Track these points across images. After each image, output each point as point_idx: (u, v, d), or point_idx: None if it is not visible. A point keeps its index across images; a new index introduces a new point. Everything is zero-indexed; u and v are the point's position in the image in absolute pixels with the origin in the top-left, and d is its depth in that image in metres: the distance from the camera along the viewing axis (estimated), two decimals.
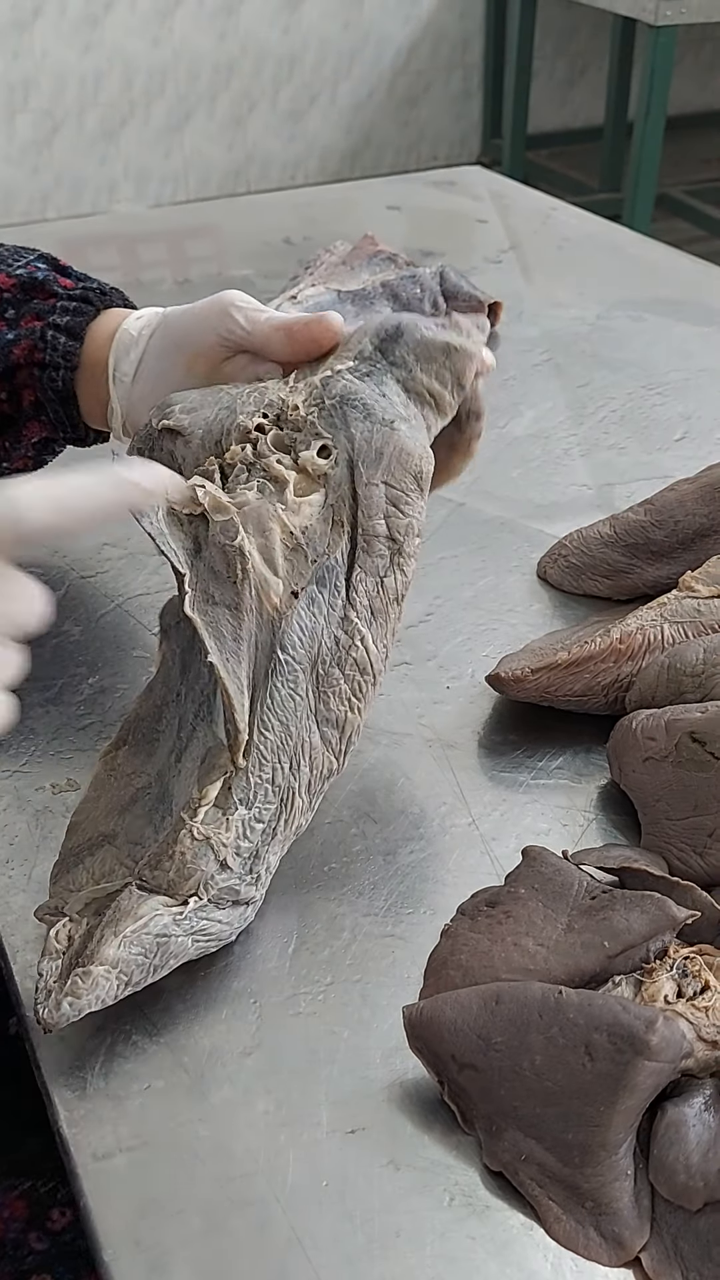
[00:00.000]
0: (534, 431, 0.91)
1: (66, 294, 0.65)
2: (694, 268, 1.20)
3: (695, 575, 0.63)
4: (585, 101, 4.00)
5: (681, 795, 0.53)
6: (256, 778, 0.49)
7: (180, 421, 0.55)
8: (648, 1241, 0.41)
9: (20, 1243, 0.58)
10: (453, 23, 3.76)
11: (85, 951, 0.46)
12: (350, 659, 0.51)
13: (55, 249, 0.73)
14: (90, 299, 0.65)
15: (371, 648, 0.51)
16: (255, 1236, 0.41)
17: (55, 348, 0.63)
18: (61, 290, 0.66)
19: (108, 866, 0.50)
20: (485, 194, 1.39)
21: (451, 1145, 0.44)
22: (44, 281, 0.66)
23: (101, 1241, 0.41)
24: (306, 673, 0.50)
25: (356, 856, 0.55)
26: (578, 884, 0.49)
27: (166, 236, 1.33)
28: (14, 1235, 0.58)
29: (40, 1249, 0.58)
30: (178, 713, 0.53)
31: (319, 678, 0.51)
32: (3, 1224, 0.59)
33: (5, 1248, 0.58)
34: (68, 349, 0.64)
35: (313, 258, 1.07)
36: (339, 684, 0.51)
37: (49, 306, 0.65)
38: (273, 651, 0.50)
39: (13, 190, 3.53)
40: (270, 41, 3.58)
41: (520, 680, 0.60)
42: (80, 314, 0.64)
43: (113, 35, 3.41)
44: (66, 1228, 0.59)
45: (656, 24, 2.60)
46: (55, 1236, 0.58)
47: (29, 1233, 0.59)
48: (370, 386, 0.55)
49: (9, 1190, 0.60)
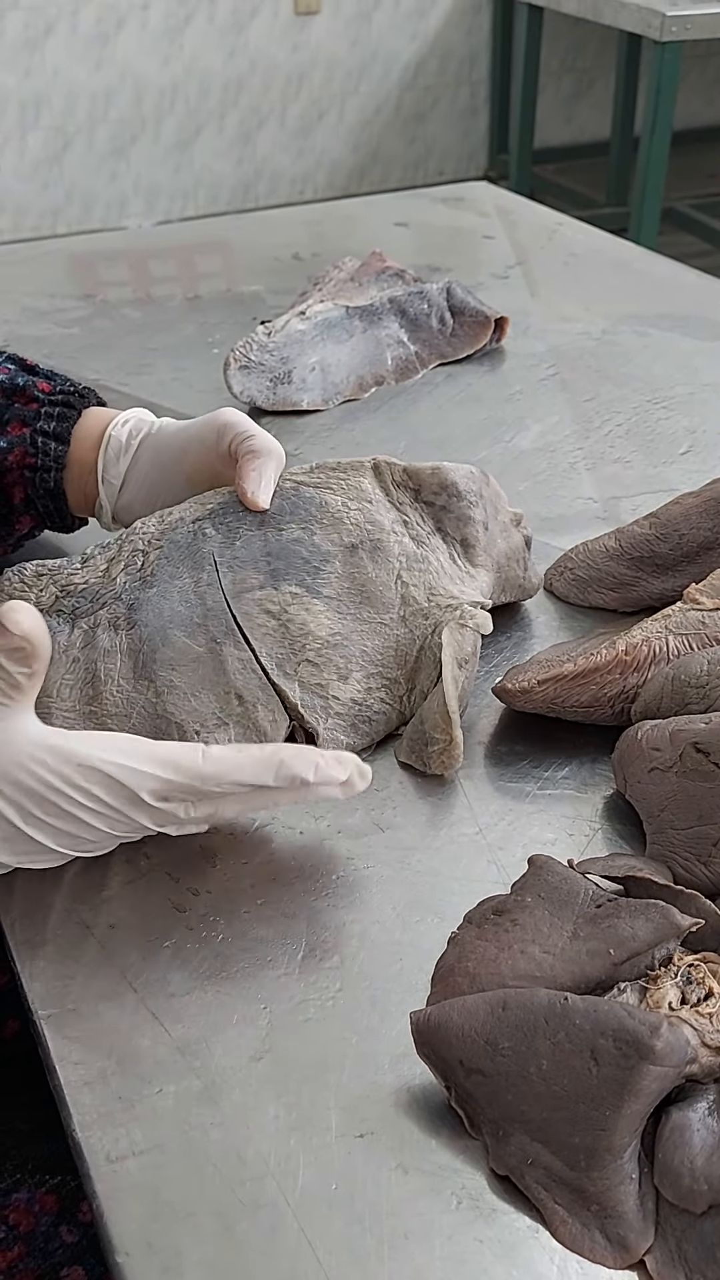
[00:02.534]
0: (540, 445, 0.91)
1: (48, 398, 0.72)
2: (699, 283, 1.21)
3: (700, 588, 0.64)
4: (591, 117, 4.02)
5: (686, 805, 0.53)
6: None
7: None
8: (652, 1244, 0.42)
9: (51, 1235, 0.59)
10: (459, 39, 3.79)
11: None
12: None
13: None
14: (71, 403, 0.72)
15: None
16: (266, 1239, 0.42)
17: (46, 452, 0.70)
18: (42, 395, 0.72)
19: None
20: (492, 210, 1.41)
21: (459, 1149, 0.45)
22: (24, 387, 0.72)
23: (115, 1244, 0.42)
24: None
25: (365, 865, 0.56)
26: (583, 892, 0.49)
27: (176, 252, 1.35)
28: (44, 1228, 0.59)
29: (71, 1241, 0.59)
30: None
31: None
32: (34, 1218, 0.59)
33: (36, 1240, 0.58)
34: (57, 453, 0.70)
35: (321, 274, 1.09)
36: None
37: (33, 412, 0.71)
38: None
39: (24, 206, 3.56)
40: (279, 58, 3.61)
41: (527, 691, 0.61)
42: (64, 419, 0.71)
43: (123, 53, 3.44)
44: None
45: (662, 40, 2.62)
46: (86, 1228, 0.59)
47: (60, 1226, 0.59)
48: None
49: (39, 1185, 0.61)
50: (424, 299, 1.04)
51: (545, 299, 1.16)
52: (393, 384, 1.01)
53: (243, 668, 0.60)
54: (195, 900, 0.54)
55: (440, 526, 0.65)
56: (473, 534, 0.65)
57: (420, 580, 0.63)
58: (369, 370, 1.00)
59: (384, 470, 0.66)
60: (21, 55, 3.35)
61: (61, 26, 3.35)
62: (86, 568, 0.63)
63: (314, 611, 0.61)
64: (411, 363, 1.02)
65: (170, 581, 0.61)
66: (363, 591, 0.62)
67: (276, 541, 0.62)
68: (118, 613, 0.60)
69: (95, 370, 1.03)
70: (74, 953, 0.52)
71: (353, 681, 0.61)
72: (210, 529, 0.63)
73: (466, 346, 1.04)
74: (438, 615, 0.63)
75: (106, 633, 0.60)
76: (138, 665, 0.59)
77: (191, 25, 3.47)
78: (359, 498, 0.64)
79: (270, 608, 0.61)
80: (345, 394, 0.98)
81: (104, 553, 0.64)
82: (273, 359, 0.96)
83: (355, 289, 1.04)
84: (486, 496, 0.67)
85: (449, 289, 1.05)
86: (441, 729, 0.59)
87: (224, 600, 0.61)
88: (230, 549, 0.62)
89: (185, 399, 0.99)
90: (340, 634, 0.61)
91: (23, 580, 0.63)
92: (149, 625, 0.60)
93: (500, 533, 0.67)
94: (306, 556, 0.62)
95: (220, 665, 0.59)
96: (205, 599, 0.61)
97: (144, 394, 1.00)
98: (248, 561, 0.62)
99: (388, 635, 0.62)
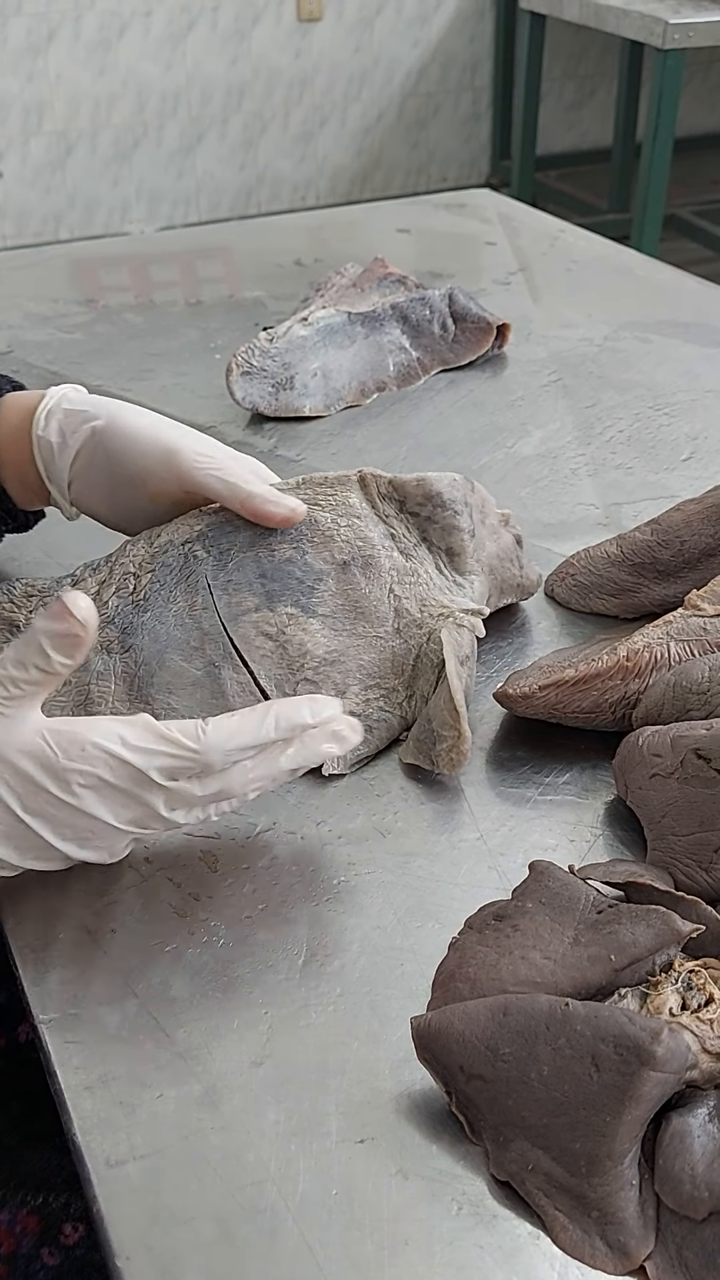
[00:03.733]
0: (542, 451, 0.92)
1: None
2: (701, 290, 1.21)
3: (701, 594, 0.64)
4: (593, 124, 4.03)
5: (687, 811, 0.53)
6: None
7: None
8: (653, 1251, 0.42)
9: (33, 1257, 0.59)
10: (462, 46, 3.80)
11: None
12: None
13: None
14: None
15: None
16: (266, 1244, 0.42)
17: None
18: None
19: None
20: (494, 216, 1.41)
21: (459, 1155, 0.45)
22: None
23: (114, 1248, 0.42)
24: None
25: (365, 870, 0.56)
26: (584, 898, 0.49)
27: (178, 258, 1.35)
28: (26, 1251, 0.59)
29: (53, 1264, 0.59)
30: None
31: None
32: (15, 1239, 0.59)
33: (18, 1263, 0.58)
34: None
35: (324, 280, 1.09)
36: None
37: None
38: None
39: (26, 211, 3.56)
40: (281, 65, 3.62)
41: (528, 697, 0.61)
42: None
43: (126, 59, 3.45)
44: (79, 1242, 0.59)
45: (665, 47, 2.62)
46: (68, 1251, 0.59)
47: (41, 1248, 0.59)
48: None
49: (21, 1206, 0.60)
50: (426, 305, 1.04)
51: (547, 305, 1.17)
52: (394, 390, 1.01)
53: (241, 690, 0.60)
54: (196, 905, 0.54)
55: (425, 537, 0.65)
56: (458, 542, 0.65)
57: (412, 593, 0.64)
58: (371, 376, 1.00)
59: (370, 483, 0.66)
60: (25, 61, 3.36)
61: (64, 32, 3.36)
62: (76, 589, 0.62)
63: (310, 631, 0.62)
64: (413, 369, 1.02)
65: (165, 606, 0.61)
66: (357, 607, 0.63)
67: (269, 562, 0.62)
68: (110, 636, 0.61)
69: (97, 375, 1.04)
70: (75, 957, 0.52)
71: (350, 695, 0.61)
72: (201, 551, 0.62)
73: (468, 353, 1.04)
74: (431, 624, 0.63)
75: (99, 655, 0.60)
76: (132, 688, 0.59)
77: (194, 31, 3.48)
78: (348, 513, 0.64)
79: (268, 630, 0.61)
80: (347, 400, 0.99)
81: (94, 575, 0.63)
82: (275, 364, 0.96)
83: (357, 295, 1.05)
84: (472, 503, 0.67)
85: (451, 295, 1.05)
86: (449, 725, 0.59)
87: (220, 624, 0.61)
88: (223, 571, 0.62)
89: (187, 404, 0.99)
90: (337, 650, 0.62)
91: (11, 599, 0.63)
92: (144, 649, 0.60)
93: (490, 535, 0.68)
94: (300, 576, 0.62)
95: (219, 688, 0.60)
96: (201, 623, 0.61)
97: (146, 399, 1.00)
98: (242, 584, 0.62)
99: (383, 648, 0.63)
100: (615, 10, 2.75)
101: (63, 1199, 0.61)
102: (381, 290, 1.06)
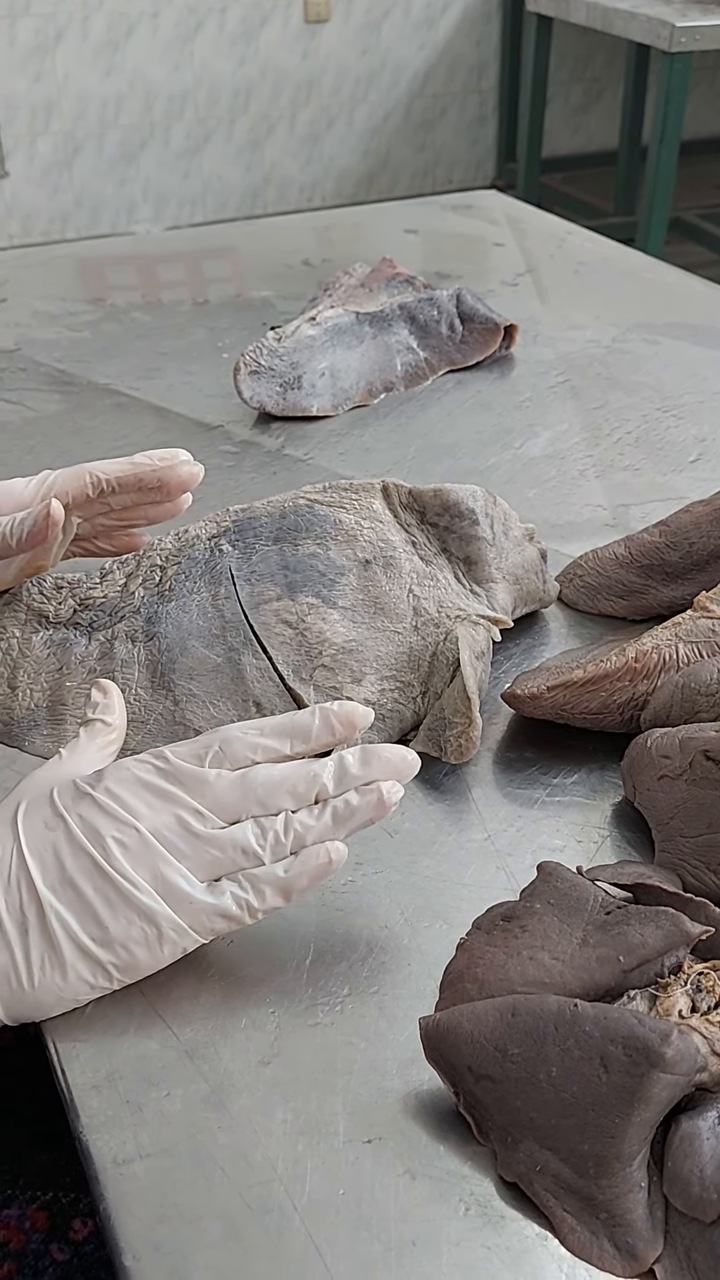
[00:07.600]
0: (550, 453, 0.91)
1: None
2: (708, 292, 1.21)
3: (710, 596, 0.64)
4: (600, 126, 4.03)
5: (695, 813, 0.53)
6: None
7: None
8: (661, 1253, 0.41)
9: (42, 1253, 0.59)
10: (469, 48, 3.80)
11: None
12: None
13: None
14: None
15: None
16: (273, 1243, 0.42)
17: None
18: None
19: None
20: (501, 218, 1.41)
21: (467, 1155, 0.44)
22: None
23: (122, 1246, 0.42)
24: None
25: (373, 870, 0.56)
26: (593, 899, 0.49)
27: (185, 258, 1.35)
28: (35, 1246, 0.59)
29: (62, 1260, 0.59)
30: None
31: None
32: (25, 1235, 0.59)
33: (27, 1259, 0.58)
34: None
35: (331, 280, 1.09)
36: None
37: None
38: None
39: (33, 211, 3.57)
40: (288, 66, 3.63)
41: (536, 698, 0.61)
42: None
43: (134, 59, 3.46)
44: (88, 1238, 0.59)
45: (671, 50, 2.62)
46: (77, 1246, 0.59)
47: (51, 1244, 0.59)
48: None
49: (30, 1202, 0.60)
50: (434, 306, 1.04)
51: (555, 307, 1.17)
52: (402, 390, 1.01)
53: (260, 675, 0.61)
54: None
55: (445, 546, 0.67)
56: (477, 552, 0.66)
57: (431, 594, 0.65)
58: (379, 376, 1.00)
59: (392, 492, 0.67)
60: (32, 61, 3.36)
61: (72, 33, 3.36)
62: (105, 582, 0.65)
63: (330, 620, 0.63)
64: (421, 369, 1.02)
65: (189, 596, 0.63)
66: (377, 603, 0.64)
67: (293, 556, 0.64)
68: (135, 626, 0.63)
69: (105, 375, 1.04)
70: None
71: (366, 684, 0.62)
72: (227, 545, 0.65)
73: (476, 353, 1.04)
74: (448, 625, 0.64)
75: (124, 645, 0.62)
76: (155, 675, 0.61)
77: (202, 32, 3.49)
78: (371, 517, 0.66)
79: (288, 618, 0.62)
80: (355, 400, 0.99)
81: (122, 568, 0.65)
82: (283, 364, 0.96)
83: (365, 295, 1.05)
84: (494, 515, 0.68)
85: (459, 296, 1.05)
86: (461, 712, 0.60)
87: (241, 612, 0.63)
88: (248, 563, 0.64)
89: (195, 403, 0.99)
90: (355, 640, 0.63)
91: (42, 591, 0.64)
92: (168, 637, 0.62)
93: (514, 548, 0.68)
94: (323, 570, 0.64)
95: (239, 674, 0.61)
96: (223, 611, 0.63)
97: (154, 398, 1.00)
98: (265, 575, 0.64)
99: (401, 642, 0.63)
100: (622, 13, 2.75)
101: (72, 1195, 0.61)
102: (389, 290, 1.06)
